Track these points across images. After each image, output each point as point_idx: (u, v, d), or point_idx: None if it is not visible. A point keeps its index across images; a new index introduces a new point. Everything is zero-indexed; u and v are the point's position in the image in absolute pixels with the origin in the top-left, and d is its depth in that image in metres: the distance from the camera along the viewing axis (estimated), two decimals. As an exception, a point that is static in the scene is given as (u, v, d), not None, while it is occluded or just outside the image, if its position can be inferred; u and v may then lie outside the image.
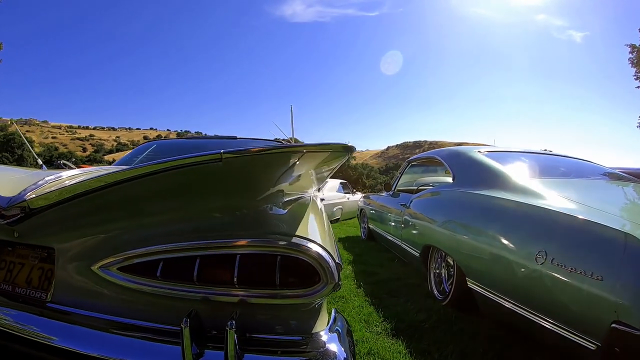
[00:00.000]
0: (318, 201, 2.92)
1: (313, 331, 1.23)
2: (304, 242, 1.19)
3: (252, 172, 1.27)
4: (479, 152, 3.37)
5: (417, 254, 3.64)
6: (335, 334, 1.27)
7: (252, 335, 1.18)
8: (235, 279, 1.16)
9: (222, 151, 1.06)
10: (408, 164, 5.34)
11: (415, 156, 5.11)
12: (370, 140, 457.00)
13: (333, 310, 1.45)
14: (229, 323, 1.03)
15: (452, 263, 2.96)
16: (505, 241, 2.20)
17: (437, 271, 3.31)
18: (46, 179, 1.35)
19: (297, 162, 1.27)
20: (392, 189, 5.53)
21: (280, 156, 1.22)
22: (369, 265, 4.61)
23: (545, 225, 2.02)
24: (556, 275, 1.77)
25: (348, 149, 1.31)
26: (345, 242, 6.60)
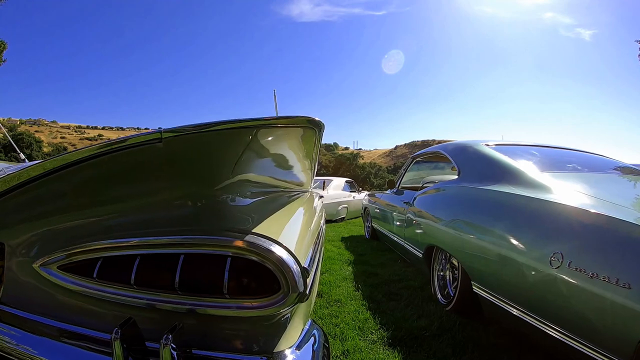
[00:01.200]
0: (310, 198, 2.72)
1: (276, 350, 1.01)
2: (261, 241, 0.97)
3: (202, 155, 1.05)
4: (487, 145, 3.13)
5: (420, 255, 3.40)
6: (305, 353, 1.05)
7: (197, 353, 0.98)
8: (176, 284, 0.95)
9: (161, 129, 0.91)
10: (412, 160, 5.10)
11: (419, 152, 4.85)
12: (379, 139, 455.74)
13: (308, 323, 1.23)
14: (164, 337, 0.85)
15: (456, 265, 2.73)
16: (515, 241, 1.95)
17: (441, 273, 3.07)
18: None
19: (256, 141, 1.05)
20: (396, 186, 5.29)
21: (229, 134, 1.00)
22: (369, 266, 4.38)
23: (561, 223, 1.76)
24: (574, 281, 1.52)
25: (314, 124, 1.08)
26: (348, 242, 6.37)
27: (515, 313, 1.90)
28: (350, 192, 11.84)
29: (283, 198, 1.66)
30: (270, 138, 1.13)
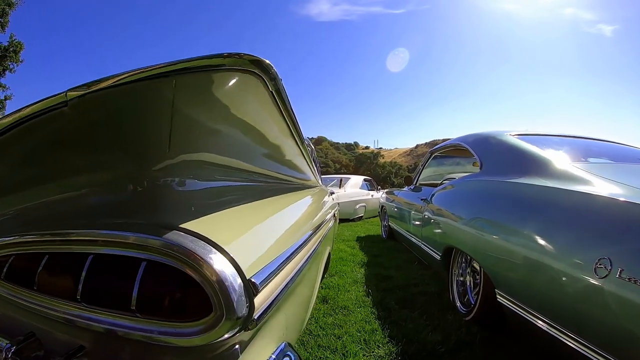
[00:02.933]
0: (307, 193, 2.42)
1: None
2: (192, 244, 0.69)
3: (120, 123, 0.77)
4: (511, 134, 2.79)
5: (438, 257, 3.07)
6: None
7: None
8: (78, 293, 0.71)
9: (67, 90, 0.68)
10: (431, 155, 4.75)
11: (438, 146, 4.50)
12: (399, 138, 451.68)
13: (280, 346, 0.94)
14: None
15: (478, 269, 2.40)
16: (549, 243, 1.62)
17: (461, 278, 2.73)
18: None
19: (187, 101, 0.77)
20: (414, 182, 4.96)
21: (145, 88, 0.71)
22: (383, 268, 4.06)
23: (610, 222, 1.42)
24: (625, 294, 1.19)
25: (256, 63, 0.78)
26: (364, 242, 6.06)
27: (547, 329, 1.57)
28: (369, 190, 11.51)
29: (262, 190, 1.38)
30: (207, 95, 0.85)
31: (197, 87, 0.78)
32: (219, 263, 0.68)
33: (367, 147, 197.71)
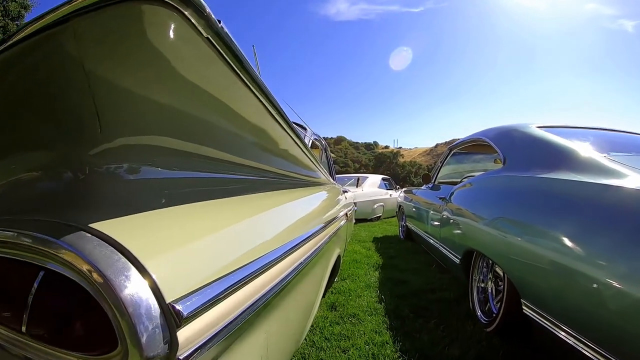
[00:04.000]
0: (314, 191, 2.22)
1: None
2: (95, 249, 0.52)
3: (34, 96, 0.59)
4: (536, 126, 2.54)
5: (457, 260, 2.82)
6: None
7: None
8: None
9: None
10: (450, 152, 4.48)
11: (458, 141, 4.23)
12: (419, 137, 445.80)
13: None
14: None
15: (501, 275, 2.16)
16: (587, 249, 1.37)
17: (482, 285, 2.49)
18: None
19: (98, 51, 0.58)
20: (432, 180, 4.70)
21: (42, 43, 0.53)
22: (399, 271, 3.82)
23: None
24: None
25: None
26: (380, 243, 5.82)
27: (581, 348, 1.33)
28: (387, 190, 11.24)
29: (242, 186, 1.17)
30: (124, 46, 0.64)
31: (105, 33, 0.58)
32: (126, 279, 0.49)
33: (386, 147, 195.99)
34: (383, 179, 11.66)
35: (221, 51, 0.71)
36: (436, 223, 3.68)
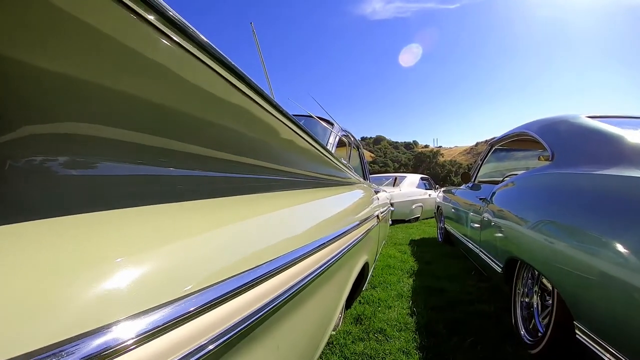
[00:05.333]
0: (331, 192, 1.96)
1: None
2: None
3: None
4: (587, 117, 2.22)
5: (499, 269, 2.51)
6: None
7: None
8: None
9: None
10: (491, 148, 4.12)
11: (499, 136, 3.88)
12: (459, 136, 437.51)
13: None
14: None
15: (550, 289, 1.86)
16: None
17: (526, 299, 2.17)
18: None
19: None
20: (472, 180, 4.36)
21: None
22: (435, 279, 3.53)
23: None
24: None
25: None
26: (417, 246, 5.52)
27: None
28: (426, 189, 10.88)
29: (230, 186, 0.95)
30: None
31: None
32: None
33: (426, 146, 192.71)
34: (422, 179, 11.34)
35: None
36: (476, 226, 3.36)
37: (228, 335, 0.62)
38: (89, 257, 0.49)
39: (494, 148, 4.09)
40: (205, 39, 0.64)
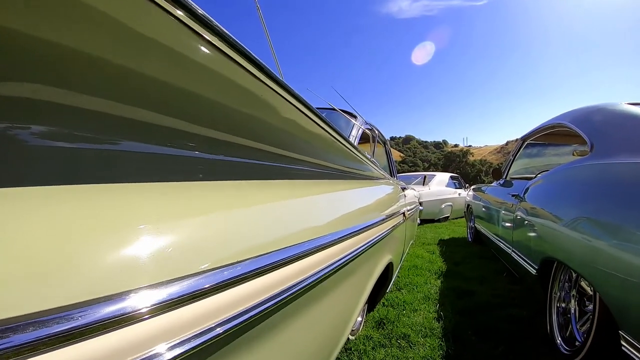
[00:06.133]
0: (351, 186, 1.84)
1: None
2: None
3: None
4: (626, 104, 2.03)
5: (533, 271, 2.32)
6: None
7: None
8: None
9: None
10: (523, 142, 3.90)
11: (531, 130, 3.65)
12: (489, 135, 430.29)
13: None
14: None
15: (590, 292, 1.68)
16: None
17: (563, 304, 1.99)
18: None
19: None
20: (503, 176, 4.15)
21: None
22: (464, 281, 3.35)
23: None
24: None
25: None
26: (446, 246, 5.32)
27: None
28: (456, 188, 10.62)
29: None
30: None
31: None
32: None
33: (456, 145, 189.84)
34: (452, 177, 11.10)
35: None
36: (508, 224, 3.16)
37: (230, 325, 0.59)
38: (114, 222, 0.49)
39: (526, 143, 3.87)
40: (234, 39, 0.65)
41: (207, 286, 0.55)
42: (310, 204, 1.17)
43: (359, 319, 2.24)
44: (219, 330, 0.56)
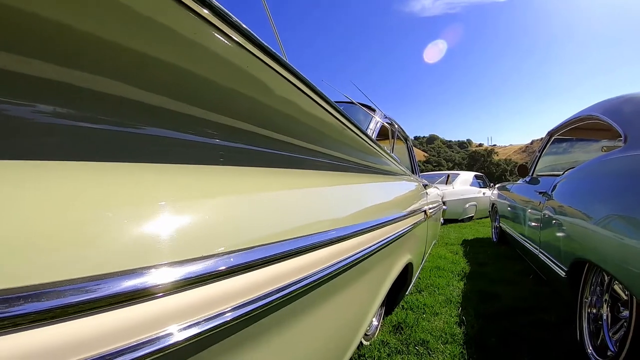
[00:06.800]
0: (363, 179, 1.73)
1: None
2: None
3: None
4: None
5: (562, 273, 2.16)
6: None
7: None
8: None
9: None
10: (550, 137, 3.71)
11: (559, 123, 3.47)
12: (514, 134, 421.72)
13: None
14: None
15: (625, 297, 1.53)
16: None
17: (594, 310, 1.83)
18: None
19: None
20: (529, 173, 3.96)
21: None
22: (489, 282, 3.21)
23: None
24: None
25: None
26: (470, 246, 5.15)
27: None
28: (480, 188, 10.36)
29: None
30: None
31: None
32: None
33: (480, 145, 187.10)
34: (476, 176, 10.85)
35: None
36: (535, 224, 2.99)
37: (238, 312, 0.57)
38: (139, 198, 0.51)
39: (553, 138, 3.69)
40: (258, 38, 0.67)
41: (222, 268, 0.55)
42: (322, 196, 1.10)
43: (375, 322, 2.13)
44: (229, 316, 0.55)
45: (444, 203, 5.12)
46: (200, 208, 0.59)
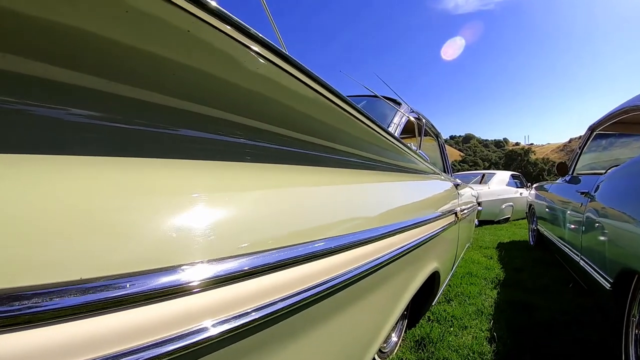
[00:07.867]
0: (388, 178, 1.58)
1: None
2: None
3: None
4: None
5: (607, 284, 1.92)
6: None
7: None
8: None
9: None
10: (591, 133, 3.43)
11: (601, 117, 3.18)
12: (552, 132, 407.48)
13: None
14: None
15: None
16: None
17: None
18: None
19: None
20: (569, 172, 3.68)
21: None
22: (524, 291, 2.97)
23: None
24: None
25: None
26: (505, 250, 4.88)
27: None
28: (517, 188, 9.96)
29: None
30: None
31: None
32: None
33: (517, 144, 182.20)
34: (512, 176, 10.45)
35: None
36: (575, 227, 2.74)
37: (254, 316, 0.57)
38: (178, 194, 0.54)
39: (594, 133, 3.40)
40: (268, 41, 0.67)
41: (246, 268, 0.57)
42: (337, 196, 1.00)
43: (394, 338, 1.95)
44: (254, 315, 0.56)
45: (479, 204, 4.85)
46: (219, 209, 0.60)
